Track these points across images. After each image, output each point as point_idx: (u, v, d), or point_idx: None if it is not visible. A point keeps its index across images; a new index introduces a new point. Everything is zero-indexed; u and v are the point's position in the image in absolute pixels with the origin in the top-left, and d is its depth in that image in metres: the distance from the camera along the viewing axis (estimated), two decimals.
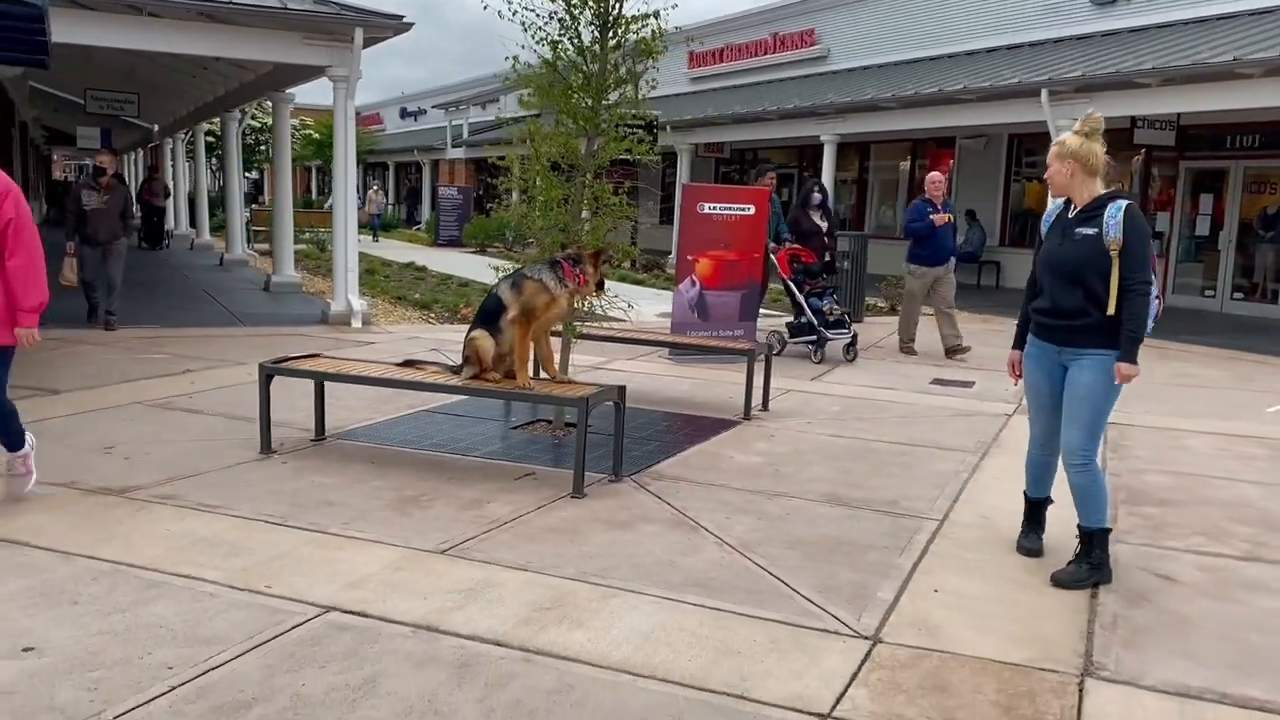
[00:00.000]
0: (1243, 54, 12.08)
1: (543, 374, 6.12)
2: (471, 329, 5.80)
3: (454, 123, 38.30)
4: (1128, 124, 15.55)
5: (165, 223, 24.52)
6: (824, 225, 11.21)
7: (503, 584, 4.05)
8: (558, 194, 6.47)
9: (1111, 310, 4.19)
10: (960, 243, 14.77)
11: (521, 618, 3.73)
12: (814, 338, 10.24)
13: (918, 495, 5.59)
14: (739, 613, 3.85)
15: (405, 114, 49.69)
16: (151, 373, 8.32)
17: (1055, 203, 4.68)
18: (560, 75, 6.46)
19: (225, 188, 20.85)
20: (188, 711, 3.00)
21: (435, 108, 42.85)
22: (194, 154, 25.06)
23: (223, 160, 20.33)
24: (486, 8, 6.50)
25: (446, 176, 39.34)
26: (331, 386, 6.61)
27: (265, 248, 20.85)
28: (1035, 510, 4.80)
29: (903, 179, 23.03)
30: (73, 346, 9.38)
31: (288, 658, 3.36)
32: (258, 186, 46.21)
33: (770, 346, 10.05)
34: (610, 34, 6.49)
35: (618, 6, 6.43)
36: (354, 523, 4.74)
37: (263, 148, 35.42)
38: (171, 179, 27.70)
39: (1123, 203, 4.21)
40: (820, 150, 19.69)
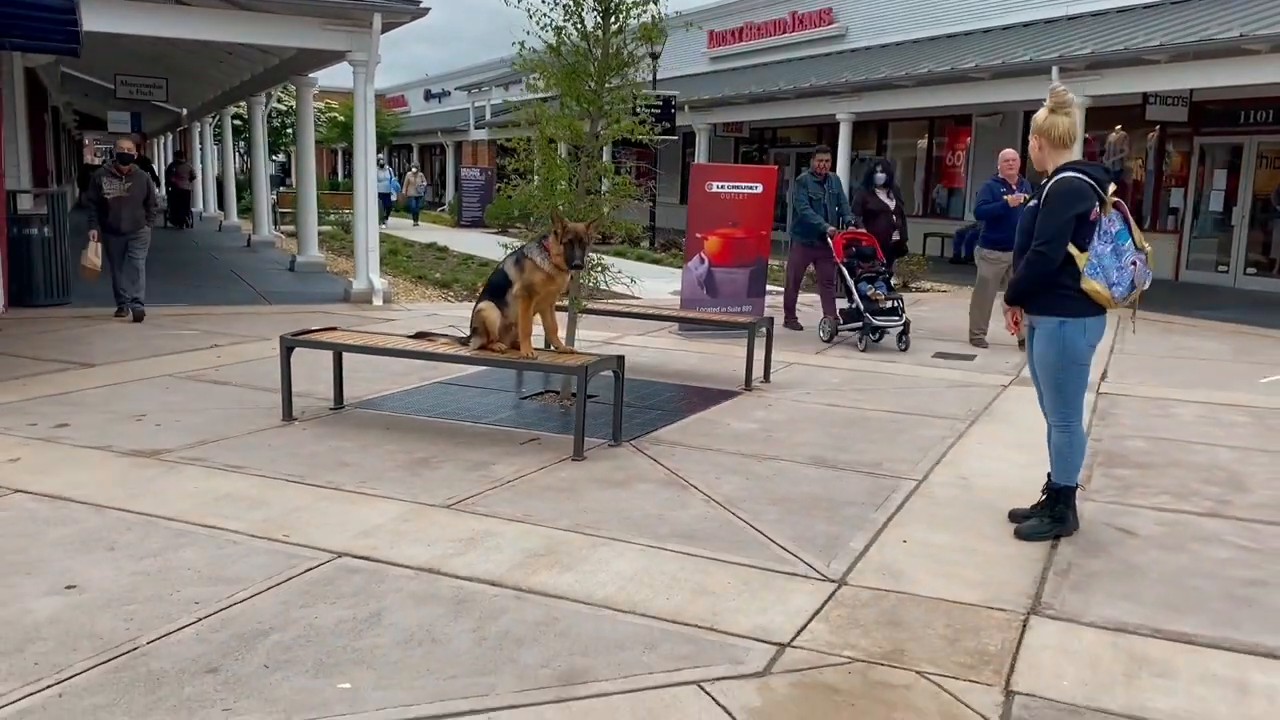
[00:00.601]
0: (1249, 30, 12.17)
1: (549, 345, 6.44)
2: (479, 301, 6.13)
3: (476, 104, 38.63)
4: (1140, 100, 15.64)
5: (191, 204, 25.69)
6: (891, 204, 10.81)
7: (501, 534, 4.39)
8: (562, 174, 6.78)
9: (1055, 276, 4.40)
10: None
11: (516, 562, 4.07)
12: (859, 324, 9.78)
13: (901, 458, 5.87)
14: (717, 559, 4.18)
15: (429, 96, 50.06)
16: (181, 348, 8.72)
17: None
18: (564, 59, 6.74)
19: (251, 170, 21.30)
20: (212, 639, 3.36)
21: (458, 89, 43.21)
22: (221, 137, 25.58)
23: (249, 143, 20.75)
24: None
25: (469, 158, 39.71)
26: (352, 362, 6.97)
27: (291, 229, 21.29)
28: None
29: (920, 157, 23.13)
30: (105, 324, 9.82)
31: (302, 595, 3.71)
32: (285, 169, 46.76)
33: (821, 333, 10.18)
34: (612, 19, 6.76)
35: None
36: (368, 481, 5.09)
37: (289, 130, 35.85)
38: (200, 162, 28.33)
39: (1060, 174, 4.39)
40: (838, 129, 19.87)
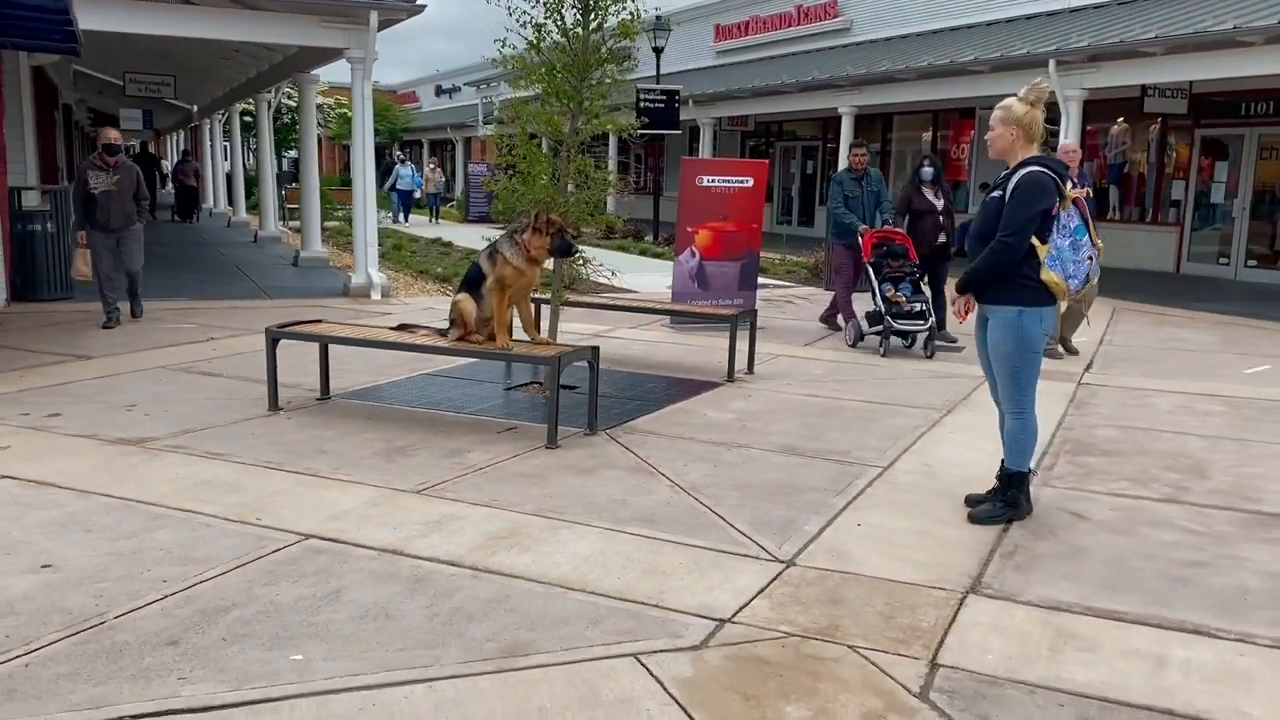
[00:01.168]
0: (1243, 22, 12.18)
1: (528, 336, 6.58)
2: (456, 294, 6.28)
3: (485, 100, 38.78)
4: (1138, 93, 15.66)
5: (195, 199, 26.82)
6: (939, 203, 9.84)
7: (466, 517, 4.53)
8: (543, 170, 6.91)
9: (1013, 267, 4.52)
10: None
11: (477, 544, 4.21)
12: (880, 328, 9.22)
13: (870, 446, 5.99)
14: (672, 541, 4.31)
15: (440, 91, 50.32)
16: (178, 340, 8.91)
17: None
18: (544, 56, 6.88)
19: (258, 166, 21.52)
20: (176, 614, 3.51)
21: (468, 85, 43.42)
22: (230, 134, 25.85)
23: (257, 139, 20.97)
24: None
25: (478, 153, 39.87)
26: (343, 354, 7.13)
27: (298, 225, 21.50)
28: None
29: (924, 150, 23.14)
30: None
31: (267, 574, 3.87)
32: (297, 165, 47.07)
33: (848, 337, 9.73)
34: (591, 15, 6.89)
35: None
36: (343, 468, 5.25)
37: (299, 127, 36.15)
38: (210, 159, 28.73)
39: (1025, 169, 4.49)
40: (841, 122, 19.93)
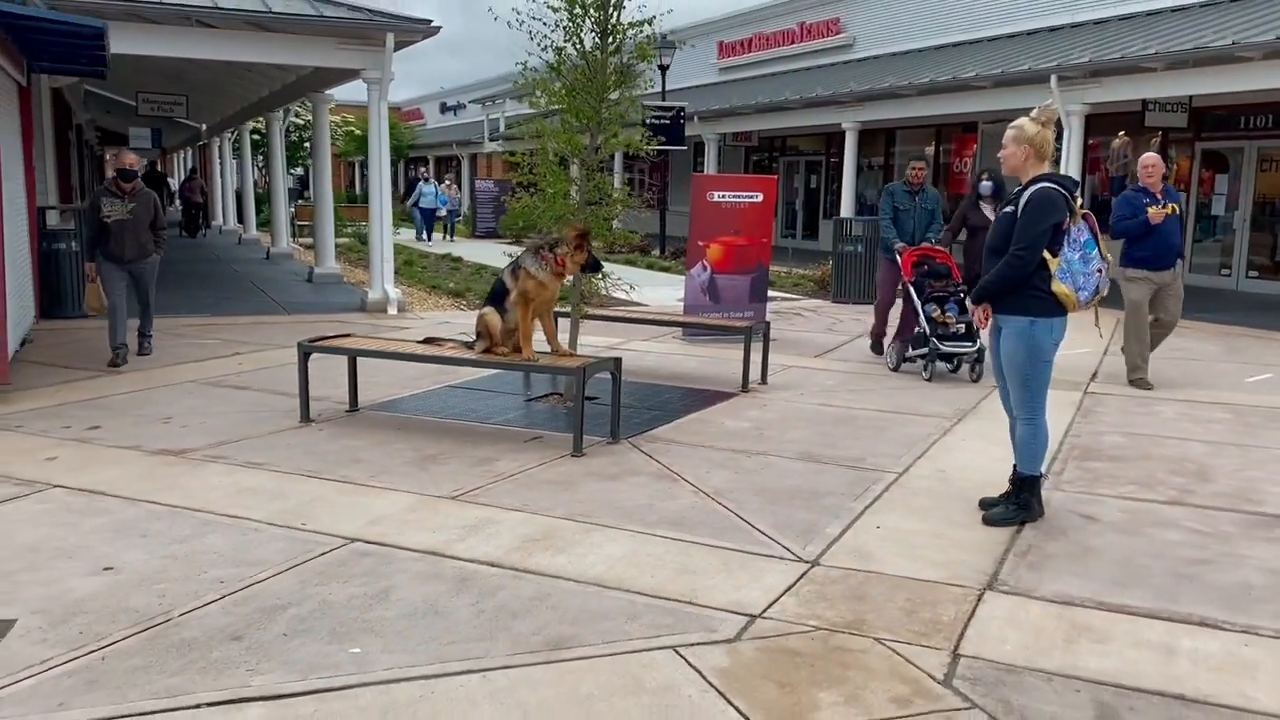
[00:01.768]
0: (1242, 37, 12.43)
1: (550, 349, 6.79)
2: (482, 308, 6.49)
3: (490, 117, 39.16)
4: (1139, 107, 15.90)
5: (201, 215, 28.08)
6: None
7: (501, 521, 4.73)
8: (563, 187, 7.14)
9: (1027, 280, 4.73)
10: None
11: (514, 546, 4.41)
12: (925, 350, 8.73)
13: (885, 453, 6.18)
14: (700, 543, 4.51)
15: (445, 109, 50.70)
16: (204, 355, 9.13)
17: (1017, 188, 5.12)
18: (565, 78, 7.11)
19: (270, 184, 21.81)
20: (236, 612, 3.71)
21: (473, 102, 43.77)
22: (240, 152, 26.19)
23: (267, 158, 21.26)
24: (497, 19, 7.18)
25: (484, 170, 40.20)
26: (367, 368, 7.34)
27: (309, 241, 21.77)
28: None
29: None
30: (131, 334, 10.20)
31: (318, 575, 4.07)
32: (303, 182, 47.42)
33: (889, 360, 9.28)
34: (609, 39, 7.13)
35: (616, 15, 7.05)
36: (378, 476, 5.45)
37: (307, 145, 36.45)
38: (219, 177, 29.13)
39: (1037, 185, 4.71)
40: (845, 137, 20.19)
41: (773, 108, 21.92)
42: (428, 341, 6.94)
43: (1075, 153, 14.75)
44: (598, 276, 7.01)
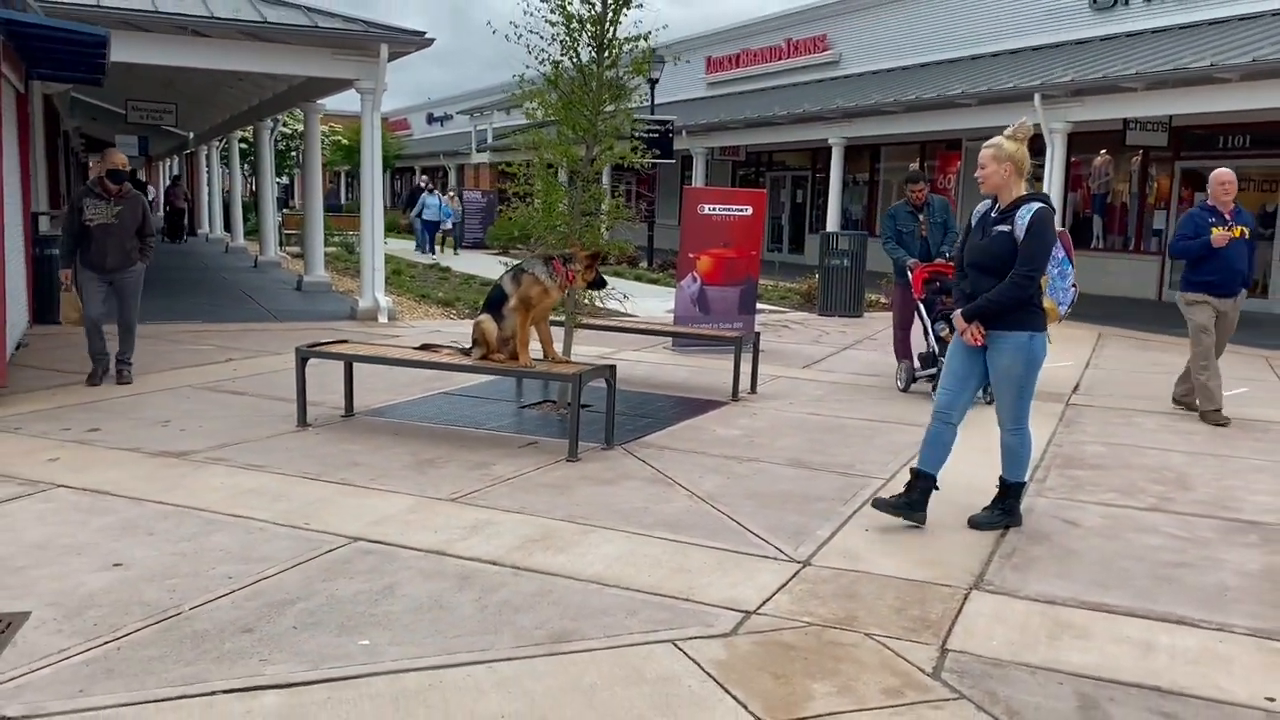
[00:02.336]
0: (1221, 59, 12.71)
1: (546, 356, 6.90)
2: (479, 314, 6.61)
3: (478, 128, 39.31)
4: (1120, 125, 16.19)
5: (184, 221, 28.60)
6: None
7: (500, 523, 4.85)
8: (559, 198, 7.27)
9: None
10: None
11: (514, 546, 4.53)
12: (934, 370, 8.31)
13: (873, 460, 6.33)
14: (695, 544, 4.63)
15: (431, 119, 50.84)
16: (198, 361, 9.21)
17: (985, 202, 5.32)
18: (561, 90, 7.25)
19: (258, 193, 21.86)
20: (246, 606, 3.81)
21: (460, 113, 43.94)
22: (228, 160, 26.21)
23: (255, 166, 21.34)
24: (495, 32, 7.32)
25: (471, 181, 40.32)
26: (360, 374, 7.43)
27: (296, 250, 21.85)
28: (914, 481, 5.04)
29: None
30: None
31: (323, 571, 4.17)
32: (287, 191, 47.46)
33: (899, 380, 8.88)
34: (606, 53, 7.27)
35: (612, 30, 7.20)
36: (378, 479, 5.55)
37: (293, 154, 36.53)
38: (206, 185, 29.22)
39: (1034, 205, 4.81)
40: (831, 153, 20.44)
41: (760, 123, 22.17)
42: (424, 348, 7.05)
43: (1058, 170, 15.01)
44: (599, 293, 7.13)
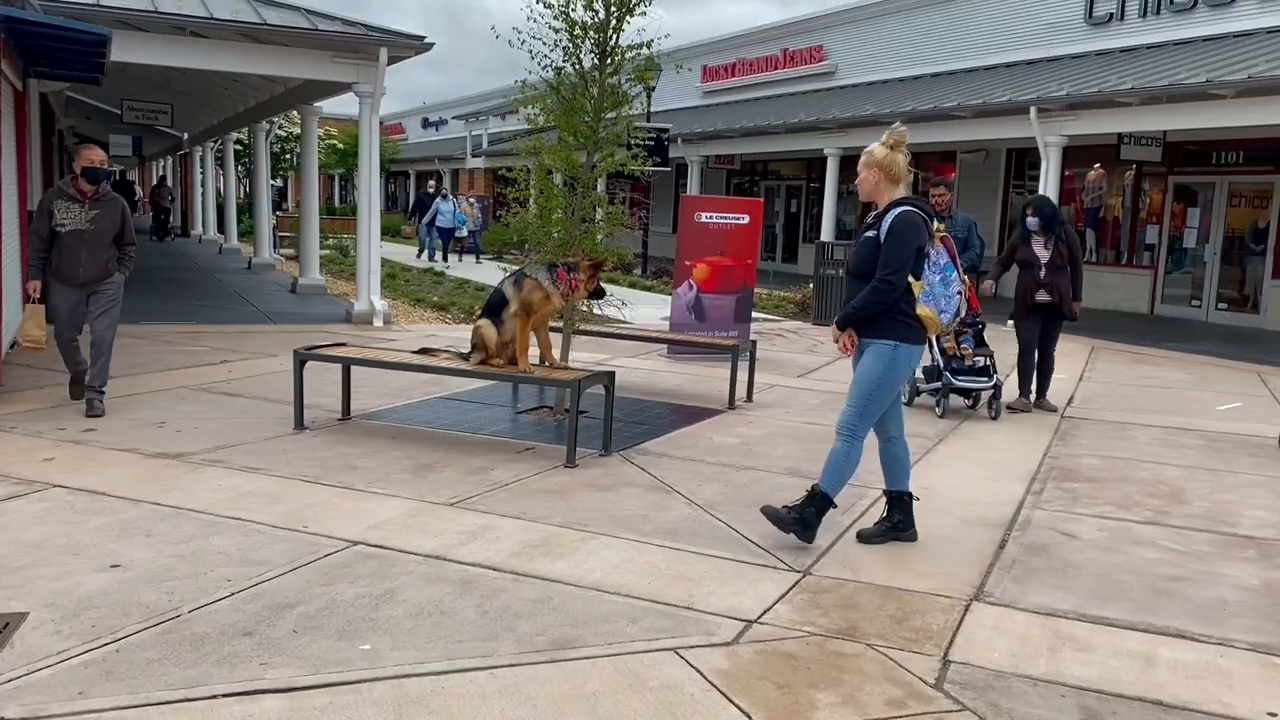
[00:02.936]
0: (1215, 76, 12.78)
1: (544, 362, 6.90)
2: (478, 319, 6.60)
3: (474, 133, 39.32)
4: (1115, 140, 16.26)
5: (169, 220, 29.23)
6: (1045, 255, 8.55)
7: (500, 528, 4.84)
8: (558, 204, 7.27)
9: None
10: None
11: (514, 551, 4.52)
12: (938, 384, 8.28)
13: (870, 470, 6.28)
14: (695, 552, 4.63)
15: (427, 124, 50.82)
16: (193, 363, 9.18)
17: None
18: (563, 97, 7.26)
19: (253, 195, 21.80)
20: (245, 609, 3.79)
21: (455, 118, 43.93)
22: (224, 162, 26.16)
23: (250, 168, 21.29)
24: (499, 36, 7.33)
25: (466, 186, 40.28)
26: (357, 378, 7.41)
27: (290, 252, 21.80)
28: (890, 503, 5.10)
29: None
30: (122, 340, 10.21)
31: (323, 575, 4.16)
32: (281, 193, 47.40)
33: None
34: (608, 61, 7.29)
35: (615, 37, 7.21)
36: (376, 482, 5.54)
37: (288, 156, 36.49)
38: (200, 186, 29.14)
39: (897, 209, 4.71)
40: (826, 163, 20.49)
41: (756, 132, 22.20)
42: (422, 352, 7.04)
43: (1052, 184, 15.07)
44: (598, 302, 7.13)
